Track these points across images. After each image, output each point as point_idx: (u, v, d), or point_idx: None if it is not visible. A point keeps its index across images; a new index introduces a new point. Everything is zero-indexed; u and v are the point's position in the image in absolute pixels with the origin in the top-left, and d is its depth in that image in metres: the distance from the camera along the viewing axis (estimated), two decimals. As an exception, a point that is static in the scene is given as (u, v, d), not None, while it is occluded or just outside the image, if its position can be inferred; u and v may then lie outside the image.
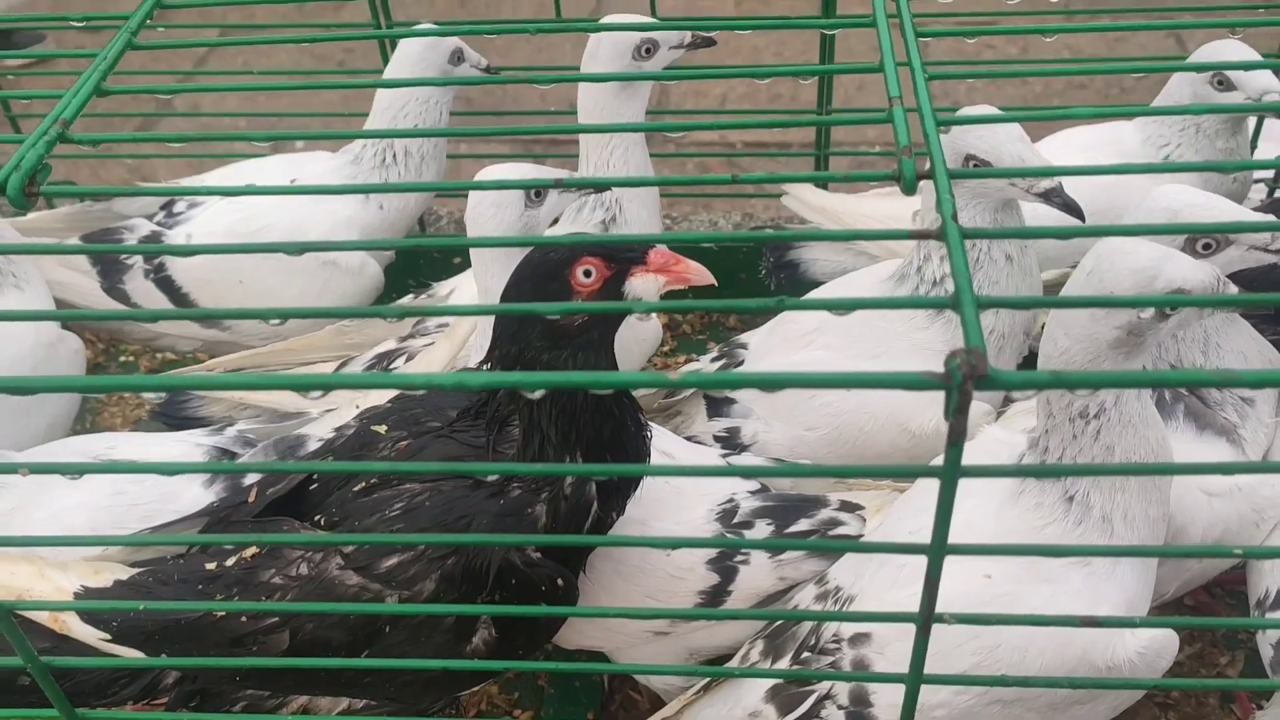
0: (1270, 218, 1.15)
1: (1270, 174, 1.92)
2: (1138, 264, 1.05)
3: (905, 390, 0.63)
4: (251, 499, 1.18)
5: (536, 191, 1.36)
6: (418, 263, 2.05)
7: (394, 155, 1.76)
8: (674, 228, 2.39)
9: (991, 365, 0.63)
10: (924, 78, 0.95)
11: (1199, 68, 1.52)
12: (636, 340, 1.55)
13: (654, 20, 1.52)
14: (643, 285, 1.09)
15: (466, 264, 1.77)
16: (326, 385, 0.80)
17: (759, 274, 1.91)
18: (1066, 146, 1.77)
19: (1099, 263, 1.07)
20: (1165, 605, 1.43)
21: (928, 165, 0.84)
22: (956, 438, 0.65)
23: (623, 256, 1.08)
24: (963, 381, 0.61)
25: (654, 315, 1.59)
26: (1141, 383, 0.97)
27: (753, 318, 1.96)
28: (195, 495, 1.32)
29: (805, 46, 3.04)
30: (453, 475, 1.11)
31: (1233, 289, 1.07)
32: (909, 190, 0.82)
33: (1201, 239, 1.15)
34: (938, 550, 0.72)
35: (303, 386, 0.71)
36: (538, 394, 1.07)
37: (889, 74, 0.95)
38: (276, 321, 1.68)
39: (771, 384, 0.76)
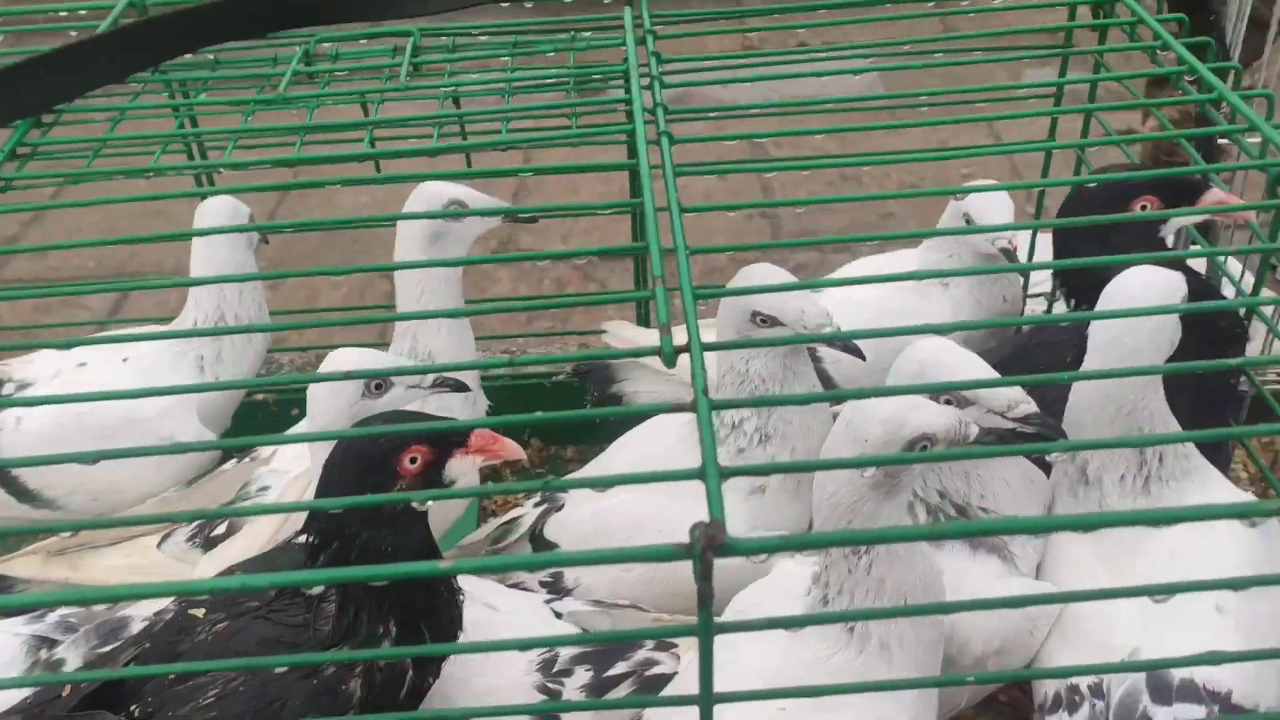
0: (1018, 390, 1.29)
1: (1048, 286, 2.11)
2: (884, 414, 1.16)
3: (659, 561, 0.71)
4: (65, 693, 1.19)
5: (378, 384, 1.39)
6: (255, 416, 2.08)
7: (226, 320, 1.76)
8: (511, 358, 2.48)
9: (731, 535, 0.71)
10: (685, 254, 1.06)
11: (952, 232, 1.71)
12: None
13: (464, 201, 1.60)
14: (460, 466, 1.17)
15: (304, 413, 1.80)
16: (114, 598, 0.84)
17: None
18: (857, 273, 1.93)
19: (854, 414, 1.18)
20: (981, 705, 1.55)
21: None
22: (705, 601, 0.72)
23: (448, 441, 1.16)
24: (703, 552, 0.70)
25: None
26: (859, 541, 1.08)
27: (588, 449, 2.04)
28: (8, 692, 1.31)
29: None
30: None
31: (974, 430, 1.19)
32: (669, 364, 0.92)
33: (944, 395, 1.28)
34: (705, 700, 0.79)
35: (91, 601, 0.74)
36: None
37: (654, 255, 1.06)
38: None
39: (539, 565, 0.83)
